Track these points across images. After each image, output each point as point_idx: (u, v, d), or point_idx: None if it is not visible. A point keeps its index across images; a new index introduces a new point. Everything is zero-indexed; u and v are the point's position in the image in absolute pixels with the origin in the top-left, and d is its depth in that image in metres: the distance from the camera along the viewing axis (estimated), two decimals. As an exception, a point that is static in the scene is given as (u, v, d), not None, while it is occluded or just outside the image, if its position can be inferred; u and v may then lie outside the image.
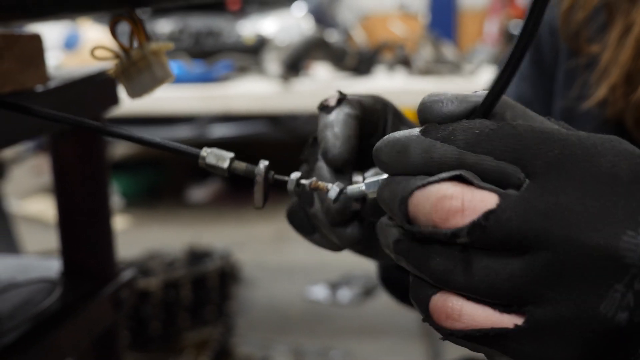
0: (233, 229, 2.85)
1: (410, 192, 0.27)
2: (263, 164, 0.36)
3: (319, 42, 1.79)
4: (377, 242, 0.39)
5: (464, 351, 0.57)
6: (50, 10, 0.46)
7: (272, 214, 3.24)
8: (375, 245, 0.40)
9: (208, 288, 1.92)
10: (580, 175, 0.25)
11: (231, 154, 0.36)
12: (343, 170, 0.37)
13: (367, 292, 2.27)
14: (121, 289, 0.64)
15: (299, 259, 2.55)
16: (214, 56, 1.98)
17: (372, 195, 0.33)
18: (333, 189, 0.35)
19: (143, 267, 1.87)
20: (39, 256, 0.70)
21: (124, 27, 0.43)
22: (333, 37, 1.96)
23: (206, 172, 3.62)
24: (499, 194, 0.25)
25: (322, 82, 1.85)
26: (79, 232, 0.65)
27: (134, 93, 0.43)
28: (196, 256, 2.00)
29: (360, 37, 2.40)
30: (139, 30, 0.43)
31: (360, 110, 0.38)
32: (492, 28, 3.50)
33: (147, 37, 0.43)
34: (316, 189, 0.35)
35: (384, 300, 2.15)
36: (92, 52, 0.43)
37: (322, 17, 2.92)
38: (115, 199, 3.14)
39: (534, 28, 0.26)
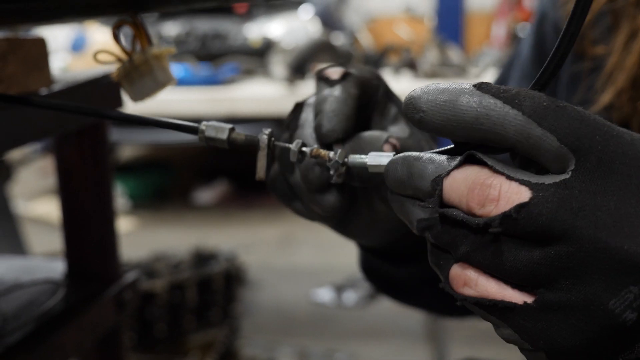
0: (239, 231, 2.86)
1: (448, 173, 0.27)
2: (267, 131, 0.36)
3: (325, 45, 1.79)
4: (356, 213, 0.40)
5: (469, 354, 0.57)
6: (53, 14, 0.47)
7: (278, 216, 3.25)
8: (354, 217, 0.40)
9: (213, 290, 1.92)
10: (625, 178, 0.25)
11: (230, 125, 0.36)
12: (331, 146, 0.37)
13: (373, 295, 2.26)
14: (124, 291, 0.65)
15: (305, 261, 2.55)
16: (220, 59, 1.99)
17: (373, 169, 0.33)
18: (335, 159, 0.34)
19: (149, 269, 1.88)
20: (44, 257, 0.71)
21: (128, 31, 0.44)
22: (339, 40, 1.96)
23: (213, 175, 3.62)
24: (532, 188, 0.26)
25: (328, 84, 1.85)
26: (83, 234, 0.65)
27: (136, 97, 0.44)
28: (202, 258, 2.00)
29: (366, 40, 2.40)
30: (142, 34, 0.43)
31: (361, 89, 0.38)
32: (499, 31, 3.50)
33: (150, 41, 0.44)
34: (317, 156, 0.35)
35: (389, 303, 2.15)
36: (94, 56, 0.43)
37: (329, 19, 2.92)
38: (122, 201, 3.15)
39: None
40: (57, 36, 1.96)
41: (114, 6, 0.44)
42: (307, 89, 1.76)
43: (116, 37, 0.42)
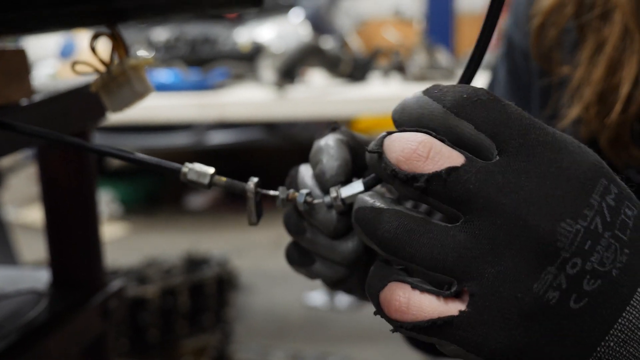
0: (231, 236, 2.86)
1: (388, 134, 0.29)
2: (252, 181, 0.36)
3: (314, 49, 1.80)
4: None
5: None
6: (33, 26, 0.47)
7: (270, 220, 3.23)
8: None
9: (206, 295, 1.92)
10: (546, 163, 0.27)
11: (212, 170, 0.37)
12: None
13: (365, 298, 2.27)
14: (110, 299, 0.65)
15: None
16: (209, 64, 1.99)
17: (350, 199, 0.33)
18: (330, 196, 0.34)
19: (141, 275, 1.87)
20: (29, 267, 0.71)
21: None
22: (328, 43, 1.97)
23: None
24: (466, 157, 0.27)
25: (318, 88, 1.85)
26: (67, 242, 0.65)
27: (115, 107, 0.44)
28: (194, 263, 2.00)
29: (356, 44, 2.41)
30: (119, 45, 0.43)
31: (349, 136, 0.38)
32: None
33: (127, 52, 0.44)
34: (310, 203, 0.35)
35: (381, 306, 2.15)
36: (72, 66, 0.43)
37: (320, 23, 2.93)
38: (114, 206, 3.15)
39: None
40: (46, 42, 1.96)
41: (92, 18, 0.44)
42: (296, 93, 1.77)
43: (93, 49, 0.43)
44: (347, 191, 0.34)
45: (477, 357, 0.27)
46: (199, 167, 0.37)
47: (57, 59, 1.92)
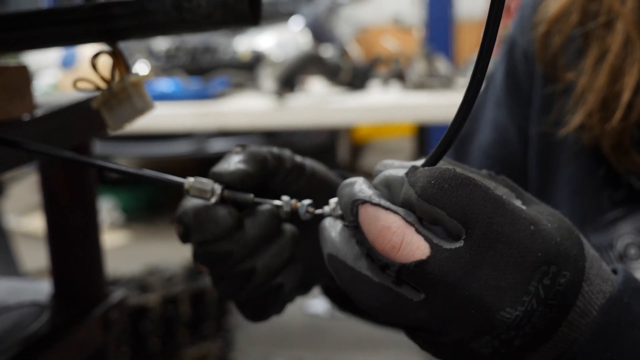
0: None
1: (363, 201, 0.33)
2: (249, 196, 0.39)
3: (313, 57, 1.80)
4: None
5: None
6: (35, 44, 0.47)
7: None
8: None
9: (207, 303, 1.92)
10: (498, 257, 0.31)
11: (215, 186, 0.39)
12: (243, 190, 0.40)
13: (366, 305, 2.26)
14: (111, 310, 0.65)
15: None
16: (210, 73, 2.00)
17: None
18: (330, 207, 0.37)
19: (142, 283, 1.88)
20: (31, 278, 0.71)
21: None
22: (328, 52, 1.97)
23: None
24: (432, 248, 0.32)
25: (317, 97, 1.86)
26: (69, 254, 0.66)
27: (116, 124, 0.45)
28: (195, 271, 2.00)
29: (355, 52, 2.42)
30: (120, 62, 0.44)
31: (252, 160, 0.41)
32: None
33: (128, 69, 0.45)
34: (311, 213, 0.39)
35: (382, 313, 2.15)
36: (74, 84, 0.44)
37: (320, 31, 2.93)
38: (115, 215, 3.15)
39: (479, 82, 0.32)
40: (48, 53, 1.97)
41: (93, 36, 0.45)
42: (296, 101, 1.78)
43: (94, 67, 0.43)
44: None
45: None
46: (199, 181, 0.38)
47: (59, 69, 1.93)
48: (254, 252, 0.39)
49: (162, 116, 1.75)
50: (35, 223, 3.00)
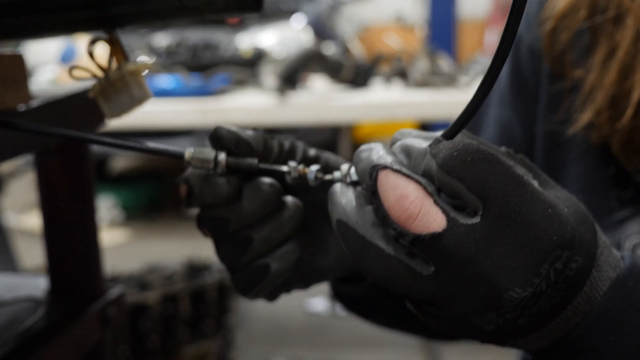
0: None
1: (384, 167, 0.32)
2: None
3: (316, 54, 1.79)
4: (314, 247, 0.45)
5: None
6: (32, 32, 0.46)
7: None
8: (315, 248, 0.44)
9: (207, 301, 1.91)
10: (513, 237, 0.31)
11: (217, 152, 0.38)
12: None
13: (367, 304, 2.26)
14: (109, 306, 0.64)
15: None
16: (211, 69, 1.99)
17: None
18: (341, 172, 0.36)
19: (142, 281, 1.87)
20: (27, 274, 0.70)
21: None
22: (330, 49, 1.96)
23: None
24: (449, 221, 0.31)
25: (319, 94, 1.85)
26: (66, 249, 0.65)
27: (113, 113, 0.44)
28: (195, 269, 1.99)
29: (358, 50, 2.41)
30: (117, 50, 0.43)
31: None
32: (492, 38, 3.50)
33: (126, 57, 0.43)
34: (321, 179, 0.38)
35: (383, 312, 2.14)
36: (69, 72, 0.43)
37: (322, 29, 2.93)
38: (115, 212, 3.14)
39: (502, 59, 0.31)
40: (46, 48, 1.96)
41: (91, 23, 0.43)
42: (298, 99, 1.76)
43: (91, 54, 0.42)
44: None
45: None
46: (200, 150, 0.38)
47: (58, 64, 1.92)
48: (252, 223, 0.39)
49: (163, 112, 1.74)
50: (34, 220, 2.99)
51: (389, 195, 0.32)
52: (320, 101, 1.79)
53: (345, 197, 0.34)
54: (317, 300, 2.31)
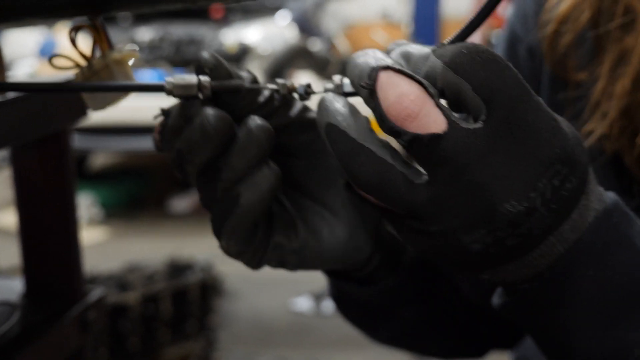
0: (215, 240, 2.82)
1: (385, 67, 0.30)
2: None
3: (302, 51, 1.77)
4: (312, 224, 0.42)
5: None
6: (11, 16, 0.43)
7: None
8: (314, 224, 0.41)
9: (189, 301, 1.89)
10: (515, 145, 0.30)
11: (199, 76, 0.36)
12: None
13: (352, 304, 2.25)
14: (89, 310, 0.61)
15: (283, 270, 2.52)
16: (195, 64, 1.95)
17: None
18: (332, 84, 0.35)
19: (122, 281, 1.83)
20: (3, 276, 0.67)
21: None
22: (316, 46, 1.94)
23: (189, 183, 3.58)
24: (450, 124, 0.30)
25: (305, 91, 1.83)
26: (43, 250, 0.62)
27: (97, 105, 0.41)
28: (177, 268, 1.96)
29: (343, 46, 2.39)
30: (101, 38, 0.40)
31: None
32: (474, 38, 3.51)
33: (110, 45, 0.41)
34: (311, 94, 0.36)
35: (368, 312, 2.13)
36: (50, 61, 0.40)
37: (307, 25, 2.91)
38: (95, 210, 3.09)
39: None
40: (25, 41, 1.91)
41: (73, 8, 0.40)
42: (284, 95, 1.74)
43: (73, 41, 0.39)
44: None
45: None
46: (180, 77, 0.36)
47: (37, 57, 1.87)
48: (217, 154, 0.37)
49: (146, 108, 1.70)
50: (10, 218, 2.93)
51: (388, 95, 0.30)
52: (307, 98, 1.77)
53: (337, 103, 0.33)
54: (302, 299, 2.29)
